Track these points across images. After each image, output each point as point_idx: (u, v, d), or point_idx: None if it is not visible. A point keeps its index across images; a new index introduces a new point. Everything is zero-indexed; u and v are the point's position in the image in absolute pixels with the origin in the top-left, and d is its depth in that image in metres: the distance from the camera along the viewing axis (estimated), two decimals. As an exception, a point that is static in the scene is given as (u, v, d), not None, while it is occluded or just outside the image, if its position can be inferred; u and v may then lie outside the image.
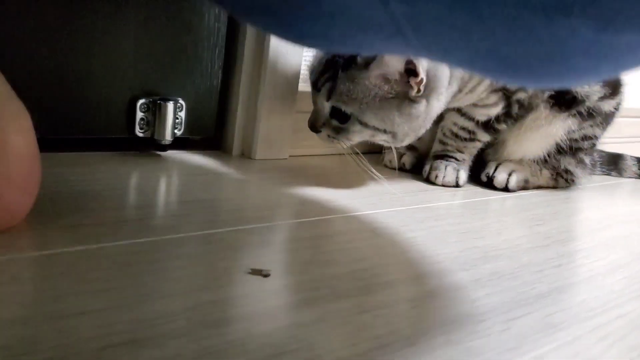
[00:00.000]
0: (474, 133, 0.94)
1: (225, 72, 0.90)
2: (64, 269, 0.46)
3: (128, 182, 0.73)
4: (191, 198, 0.70)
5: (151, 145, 0.85)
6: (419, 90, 0.76)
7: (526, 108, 0.94)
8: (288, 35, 0.56)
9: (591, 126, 0.98)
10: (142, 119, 0.82)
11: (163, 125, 0.82)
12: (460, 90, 0.85)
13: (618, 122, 1.06)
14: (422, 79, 0.75)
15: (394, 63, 0.75)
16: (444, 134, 0.96)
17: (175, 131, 0.85)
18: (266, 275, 0.49)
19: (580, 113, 0.96)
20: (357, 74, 0.76)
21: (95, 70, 0.77)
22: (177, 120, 0.85)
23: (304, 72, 0.95)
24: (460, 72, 0.82)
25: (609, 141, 1.15)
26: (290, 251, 0.58)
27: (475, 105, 0.92)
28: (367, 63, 0.75)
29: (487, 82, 0.87)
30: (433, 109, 0.80)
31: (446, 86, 0.80)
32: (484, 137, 0.95)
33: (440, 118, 0.99)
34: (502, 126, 0.94)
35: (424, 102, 0.78)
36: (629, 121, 1.62)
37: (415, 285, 0.53)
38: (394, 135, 0.80)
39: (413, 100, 0.77)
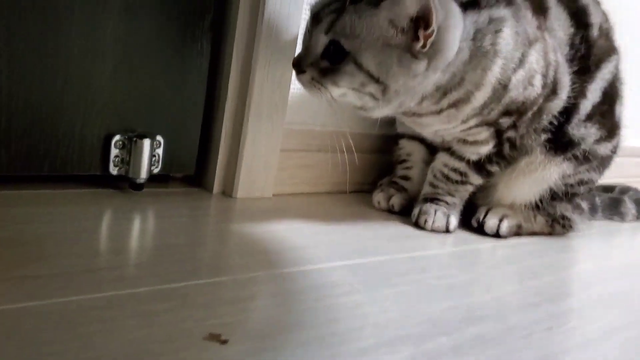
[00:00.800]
0: (465, 175, 0.90)
1: (208, 107, 0.87)
2: (5, 328, 0.42)
3: (97, 224, 0.70)
4: (162, 243, 0.66)
5: (126, 183, 0.81)
6: (424, 45, 0.71)
7: (518, 149, 0.90)
8: None
9: (587, 170, 0.95)
10: (116, 156, 0.79)
11: (138, 163, 0.79)
12: (448, 91, 0.79)
13: (621, 162, 1.03)
14: (432, 31, 0.70)
15: (407, 5, 0.70)
16: (435, 176, 0.93)
17: (153, 168, 0.81)
18: (224, 342, 0.45)
19: (575, 157, 0.92)
20: (366, 10, 0.71)
21: (69, 104, 0.74)
22: (154, 158, 0.81)
23: (292, 107, 0.92)
24: (456, 66, 0.77)
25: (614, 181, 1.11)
26: (257, 310, 0.54)
27: (465, 142, 0.88)
28: (379, 0, 0.71)
29: (476, 110, 0.83)
30: (430, 77, 0.75)
31: (451, 58, 0.75)
32: (476, 179, 0.91)
33: (430, 159, 0.96)
34: (495, 168, 0.90)
35: (425, 62, 0.73)
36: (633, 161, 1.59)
37: (389, 353, 0.49)
38: (384, 88, 0.74)
39: (415, 56, 0.72)
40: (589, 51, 0.92)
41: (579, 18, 0.92)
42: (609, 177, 1.06)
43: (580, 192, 0.96)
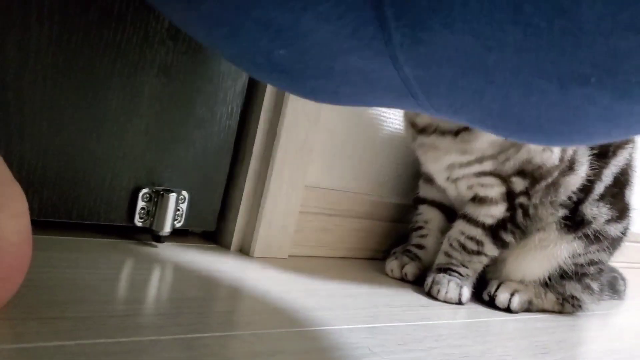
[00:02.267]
0: (481, 244, 0.92)
1: (232, 167, 0.90)
2: (35, 367, 0.43)
3: (120, 272, 0.71)
4: (182, 295, 0.67)
5: (149, 235, 0.83)
6: None
7: (532, 219, 0.92)
8: (300, 91, 0.59)
9: (597, 250, 0.96)
10: (142, 208, 0.81)
11: (163, 216, 0.81)
12: None
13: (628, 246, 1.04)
14: None
15: None
16: (451, 245, 0.94)
17: (175, 223, 0.83)
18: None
19: (586, 236, 0.94)
20: None
21: (102, 155, 0.77)
22: (177, 212, 0.84)
23: (313, 169, 0.95)
24: None
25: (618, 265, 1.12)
26: (278, 365, 0.54)
27: (478, 201, 0.91)
28: None
29: (494, 149, 0.86)
30: None
31: None
32: (491, 249, 0.93)
33: (447, 228, 0.98)
34: (510, 238, 0.92)
35: None
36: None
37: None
38: None
39: None
40: None
41: None
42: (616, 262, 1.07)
43: (590, 272, 0.98)
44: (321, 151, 0.97)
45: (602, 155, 0.95)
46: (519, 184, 0.89)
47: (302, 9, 0.40)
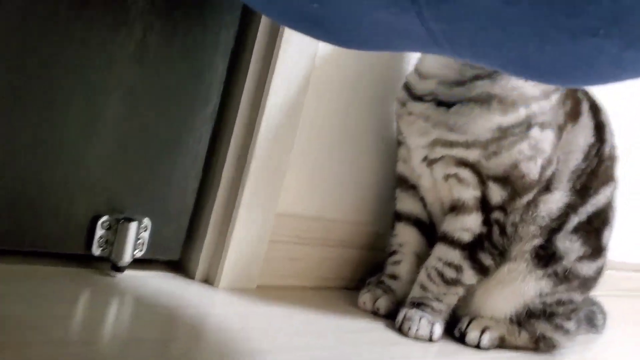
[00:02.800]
0: (460, 270, 0.89)
1: (200, 193, 0.86)
2: None
3: (73, 308, 0.68)
4: (139, 336, 0.64)
5: (108, 264, 0.79)
6: None
7: (510, 238, 0.89)
8: (334, 41, 0.65)
9: (567, 290, 0.92)
10: (101, 237, 0.77)
11: (123, 246, 0.78)
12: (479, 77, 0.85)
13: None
14: None
15: None
16: (428, 275, 0.90)
17: (136, 252, 0.80)
18: None
19: (556, 274, 0.90)
20: None
21: (59, 181, 0.73)
22: (139, 241, 0.80)
23: (285, 196, 0.92)
24: None
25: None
26: None
27: (453, 211, 0.89)
28: None
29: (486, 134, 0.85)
30: None
31: None
32: (470, 277, 0.89)
33: (423, 251, 0.95)
34: (489, 261, 0.89)
35: None
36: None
37: None
38: None
39: None
40: (598, 168, 0.94)
41: (599, 130, 0.95)
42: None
43: (560, 312, 0.94)
44: (295, 177, 0.94)
45: (582, 189, 0.92)
46: (495, 192, 0.86)
47: None
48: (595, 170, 0.94)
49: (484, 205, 0.88)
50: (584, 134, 0.92)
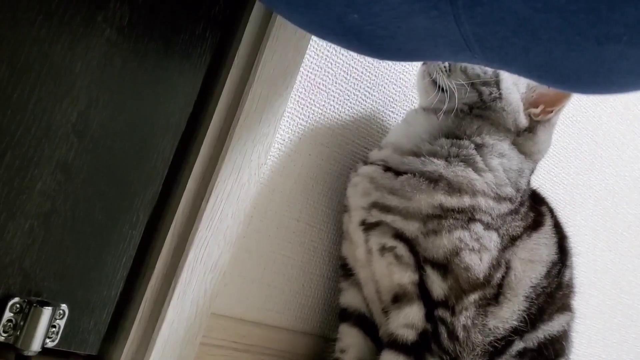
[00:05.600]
0: None
1: (130, 282, 0.80)
2: None
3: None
4: None
5: (12, 353, 0.71)
6: None
7: (462, 344, 0.80)
8: (365, 50, 0.68)
9: None
10: (9, 320, 0.70)
11: (32, 332, 0.70)
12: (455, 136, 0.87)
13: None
14: None
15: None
16: None
17: (48, 341, 0.72)
18: None
19: None
20: None
21: (-30, 256, 0.67)
22: (53, 329, 0.72)
23: (223, 294, 0.86)
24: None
25: None
26: None
27: (395, 302, 0.83)
28: None
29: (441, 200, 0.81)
30: None
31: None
32: None
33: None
34: None
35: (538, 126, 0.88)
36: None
37: None
38: (497, 82, 0.87)
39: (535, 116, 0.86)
40: (557, 291, 0.89)
41: (562, 254, 0.92)
42: None
43: None
44: (236, 275, 0.88)
45: (536, 313, 0.87)
46: (435, 282, 0.80)
47: None
48: (553, 294, 0.89)
49: (424, 294, 0.81)
50: (548, 247, 0.88)
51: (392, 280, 0.84)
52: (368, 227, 0.85)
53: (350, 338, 0.90)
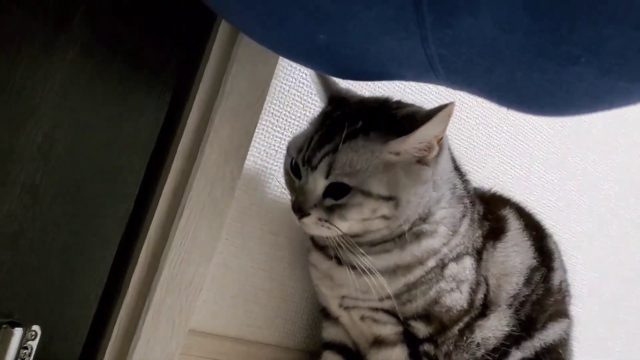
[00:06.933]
0: None
1: (105, 300, 0.79)
2: None
3: None
4: None
5: (-17, 376, 0.71)
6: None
7: None
8: (332, 71, 0.70)
9: None
10: (-22, 342, 0.70)
11: (1, 354, 0.70)
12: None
13: None
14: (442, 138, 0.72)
15: (437, 129, 0.69)
16: None
17: (19, 363, 0.72)
18: None
19: None
20: (366, 145, 0.69)
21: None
22: (25, 351, 0.72)
23: (200, 311, 0.85)
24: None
25: None
26: None
27: (375, 345, 0.80)
28: (385, 136, 0.70)
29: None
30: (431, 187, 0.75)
31: (444, 177, 0.78)
32: None
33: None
34: None
35: (431, 170, 0.72)
36: None
37: None
38: (396, 203, 0.70)
39: (426, 164, 0.72)
40: (546, 298, 0.86)
41: (544, 256, 0.89)
42: None
43: None
44: (214, 290, 0.87)
45: (529, 321, 0.84)
46: (420, 328, 0.78)
47: None
48: (542, 301, 0.86)
49: (409, 338, 0.79)
50: (521, 254, 0.85)
51: (374, 332, 0.82)
52: (347, 308, 0.83)
53: None
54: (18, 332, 0.71)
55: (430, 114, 0.68)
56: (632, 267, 1.57)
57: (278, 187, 0.93)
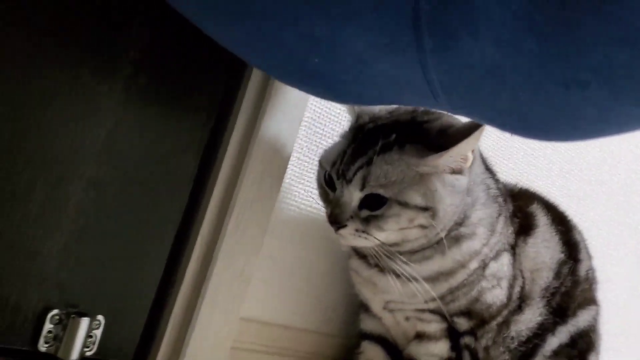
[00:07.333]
0: None
1: (161, 291, 0.83)
2: None
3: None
4: None
5: (53, 363, 0.74)
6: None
7: None
8: (326, 95, 0.67)
9: None
10: (49, 331, 0.73)
11: (71, 342, 0.73)
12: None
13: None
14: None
15: (461, 152, 0.72)
16: None
17: (86, 350, 0.75)
18: None
19: None
20: (402, 158, 0.72)
21: (8, 272, 0.70)
22: (90, 339, 0.76)
23: (251, 299, 0.88)
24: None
25: None
26: None
27: (418, 339, 0.84)
28: (421, 150, 0.72)
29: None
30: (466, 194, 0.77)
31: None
32: None
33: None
34: None
35: (466, 177, 0.74)
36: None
37: None
38: (434, 213, 0.71)
39: (460, 172, 0.73)
40: (574, 288, 0.90)
41: (571, 249, 0.91)
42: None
43: None
44: (262, 281, 0.91)
45: (559, 310, 0.88)
46: (462, 323, 0.82)
47: (345, 19, 0.46)
48: (571, 292, 0.90)
49: (451, 333, 0.83)
50: (550, 250, 0.89)
51: (419, 329, 0.85)
52: (391, 310, 0.86)
53: (372, 352, 0.92)
54: (85, 321, 0.74)
55: (467, 132, 0.70)
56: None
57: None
